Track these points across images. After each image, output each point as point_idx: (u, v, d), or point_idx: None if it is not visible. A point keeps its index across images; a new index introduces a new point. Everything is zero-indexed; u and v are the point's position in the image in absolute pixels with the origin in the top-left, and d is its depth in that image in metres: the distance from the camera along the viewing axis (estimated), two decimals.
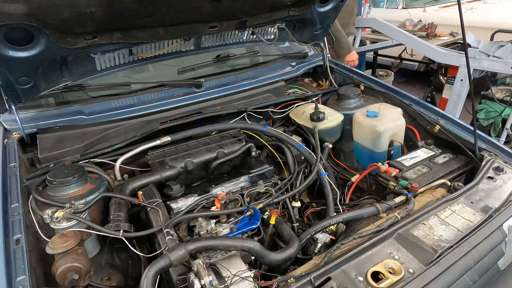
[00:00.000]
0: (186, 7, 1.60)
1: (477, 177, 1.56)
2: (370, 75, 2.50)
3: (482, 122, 3.75)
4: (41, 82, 1.70)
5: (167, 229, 1.26)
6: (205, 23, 1.83)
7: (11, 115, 1.70)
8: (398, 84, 6.40)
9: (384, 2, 7.71)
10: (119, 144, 1.71)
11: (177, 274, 1.18)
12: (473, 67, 3.36)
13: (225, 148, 1.78)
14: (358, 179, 1.79)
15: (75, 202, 1.35)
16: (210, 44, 2.26)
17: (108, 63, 1.94)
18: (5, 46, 1.41)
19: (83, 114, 1.87)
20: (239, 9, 1.82)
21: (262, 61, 2.62)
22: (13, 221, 1.25)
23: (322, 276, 1.12)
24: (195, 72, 2.33)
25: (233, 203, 1.55)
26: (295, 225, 1.64)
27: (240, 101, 2.19)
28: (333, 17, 2.36)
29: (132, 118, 1.91)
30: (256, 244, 1.21)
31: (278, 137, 1.88)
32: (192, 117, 1.91)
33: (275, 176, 1.74)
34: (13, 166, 1.50)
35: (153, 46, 2.01)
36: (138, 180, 1.56)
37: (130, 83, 2.13)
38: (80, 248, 1.22)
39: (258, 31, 2.31)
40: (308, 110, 2.11)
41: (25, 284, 1.07)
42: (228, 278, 1.10)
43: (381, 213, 1.44)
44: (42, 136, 1.71)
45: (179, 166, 1.65)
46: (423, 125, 1.99)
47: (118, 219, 1.34)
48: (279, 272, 1.34)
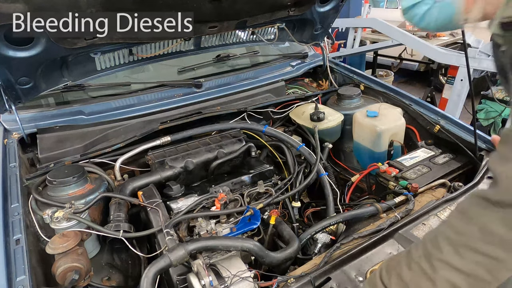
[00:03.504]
0: (186, 7, 1.60)
1: (477, 177, 1.55)
2: (370, 75, 2.50)
3: (482, 122, 3.75)
4: (41, 82, 1.70)
5: (167, 229, 1.26)
6: (205, 23, 1.83)
7: (11, 115, 1.70)
8: (398, 84, 6.41)
9: (384, 2, 7.72)
10: (119, 144, 1.71)
11: (177, 274, 1.18)
12: (473, 67, 3.36)
13: (225, 148, 1.78)
14: (358, 179, 1.79)
15: (75, 202, 1.35)
16: (210, 44, 2.26)
17: (108, 63, 1.94)
18: (5, 46, 1.41)
19: (83, 114, 1.87)
20: (239, 9, 1.82)
21: (262, 61, 2.62)
22: (13, 221, 1.25)
23: (322, 276, 1.12)
24: (195, 72, 2.33)
25: (233, 203, 1.55)
26: (295, 225, 1.64)
27: (240, 101, 2.19)
28: (333, 17, 2.36)
29: (132, 118, 1.91)
30: (256, 244, 1.21)
31: (278, 137, 1.88)
32: (192, 117, 1.91)
33: (275, 176, 1.74)
34: (13, 166, 1.50)
35: (153, 46, 2.02)
36: (138, 180, 1.56)
37: (130, 83, 2.13)
38: (80, 248, 1.22)
39: (258, 31, 2.31)
40: (308, 110, 2.11)
41: (25, 284, 1.07)
42: (228, 278, 1.10)
43: (381, 213, 1.44)
44: (42, 136, 1.71)
45: (179, 166, 1.65)
46: (423, 125, 1.99)
47: (118, 219, 1.34)
48: (279, 272, 1.34)
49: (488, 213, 0.70)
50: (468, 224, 0.73)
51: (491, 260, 0.69)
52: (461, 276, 0.71)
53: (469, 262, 0.70)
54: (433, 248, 0.76)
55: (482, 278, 0.70)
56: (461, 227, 0.74)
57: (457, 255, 0.71)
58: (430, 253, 0.76)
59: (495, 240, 0.69)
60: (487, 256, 0.69)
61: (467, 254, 0.71)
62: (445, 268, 0.73)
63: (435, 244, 0.76)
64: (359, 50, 5.10)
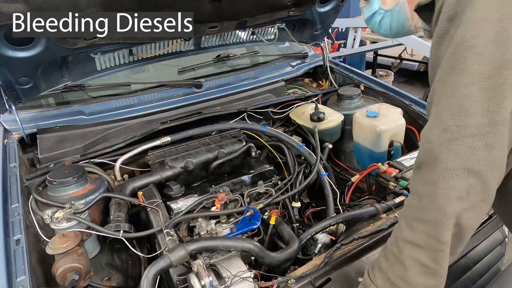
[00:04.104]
0: (186, 7, 1.60)
1: None
2: (370, 75, 2.50)
3: None
4: (41, 82, 1.70)
5: (167, 230, 1.26)
6: (205, 23, 1.83)
7: (11, 115, 1.70)
8: (398, 84, 6.40)
9: None
10: (119, 144, 1.71)
11: (177, 274, 1.18)
12: None
13: (225, 148, 1.78)
14: (358, 179, 1.79)
15: (75, 202, 1.34)
16: (210, 44, 2.26)
17: (108, 63, 1.94)
18: (5, 46, 1.41)
19: (83, 114, 1.87)
20: (239, 9, 1.82)
21: (262, 61, 2.61)
22: (13, 221, 1.25)
23: (322, 277, 1.12)
24: (195, 72, 2.33)
25: (233, 204, 1.55)
26: (295, 226, 1.64)
27: (240, 101, 2.19)
28: (333, 17, 2.36)
29: (132, 118, 1.91)
30: (256, 245, 1.21)
31: (278, 137, 1.88)
32: (192, 117, 1.90)
33: (275, 176, 1.73)
34: (13, 166, 1.49)
35: (153, 46, 2.01)
36: (138, 180, 1.56)
37: (130, 83, 2.12)
38: (80, 249, 1.22)
39: (258, 31, 2.31)
40: (308, 110, 2.11)
41: (25, 285, 1.07)
42: (228, 278, 1.10)
43: (381, 214, 1.44)
44: (42, 136, 1.71)
45: (179, 166, 1.65)
46: (423, 125, 1.98)
47: (118, 220, 1.34)
48: (279, 272, 1.34)
49: (415, 177, 0.80)
50: (410, 195, 0.81)
51: (431, 225, 0.74)
52: (419, 250, 0.76)
53: (419, 233, 0.76)
54: (396, 229, 0.83)
55: (435, 247, 0.75)
56: (407, 200, 0.82)
57: (411, 230, 0.77)
58: (396, 235, 0.82)
59: (425, 203, 0.74)
60: (426, 222, 0.75)
61: (415, 225, 0.77)
62: (407, 246, 0.78)
63: (397, 225, 0.83)
64: (359, 50, 5.10)
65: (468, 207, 0.72)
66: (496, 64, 0.68)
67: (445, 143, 0.72)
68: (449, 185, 0.71)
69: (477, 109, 0.69)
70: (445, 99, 0.73)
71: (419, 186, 0.78)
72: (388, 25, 1.04)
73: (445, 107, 0.73)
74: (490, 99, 0.69)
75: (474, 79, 0.69)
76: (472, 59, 0.69)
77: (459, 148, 0.70)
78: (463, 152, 0.70)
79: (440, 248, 0.75)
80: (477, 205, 0.73)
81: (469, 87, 0.70)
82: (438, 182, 0.72)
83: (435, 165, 0.73)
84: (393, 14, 1.01)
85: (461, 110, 0.70)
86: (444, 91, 0.74)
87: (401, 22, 1.01)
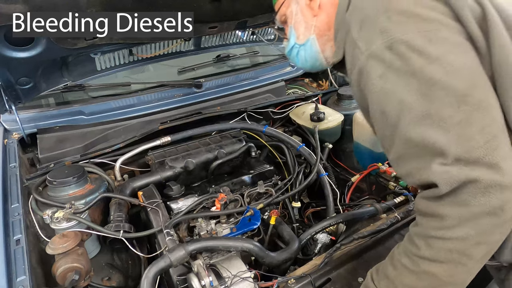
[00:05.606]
0: (186, 7, 1.60)
1: None
2: None
3: None
4: (41, 82, 1.70)
5: (167, 230, 1.26)
6: (205, 24, 1.83)
7: (11, 115, 1.70)
8: None
9: None
10: (119, 144, 1.71)
11: (177, 274, 1.18)
12: None
13: (225, 149, 1.78)
14: (358, 179, 1.79)
15: (75, 202, 1.35)
16: (210, 44, 2.26)
17: (108, 63, 1.94)
18: (5, 46, 1.41)
19: (83, 114, 1.87)
20: (239, 9, 1.82)
21: (262, 61, 2.62)
22: (13, 221, 1.25)
23: (322, 277, 1.12)
24: (195, 72, 2.33)
25: (233, 204, 1.55)
26: (295, 226, 1.64)
27: (240, 101, 2.19)
28: None
29: (132, 118, 1.91)
30: (256, 245, 1.21)
31: (278, 137, 1.88)
32: (192, 117, 1.90)
33: (275, 176, 1.73)
34: (13, 166, 1.49)
35: (153, 46, 2.01)
36: (138, 180, 1.56)
37: (130, 83, 2.13)
38: (80, 249, 1.22)
39: (258, 31, 2.31)
40: (308, 110, 2.11)
41: (25, 285, 1.07)
42: (228, 278, 1.10)
43: (381, 214, 1.44)
44: (42, 136, 1.71)
45: (179, 166, 1.65)
46: None
47: (118, 220, 1.34)
48: (279, 272, 1.34)
49: (424, 200, 0.78)
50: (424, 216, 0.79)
51: (456, 242, 0.73)
52: (438, 265, 0.76)
53: (439, 250, 0.75)
54: (408, 246, 0.82)
55: (458, 261, 0.74)
56: (419, 220, 0.81)
57: (429, 248, 0.77)
58: (408, 250, 0.81)
59: (446, 223, 0.73)
60: (450, 240, 0.73)
61: (436, 244, 0.76)
62: (424, 262, 0.78)
63: (409, 241, 0.82)
64: None
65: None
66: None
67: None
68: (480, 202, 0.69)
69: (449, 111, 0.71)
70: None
71: (441, 208, 0.74)
72: (304, 58, 1.13)
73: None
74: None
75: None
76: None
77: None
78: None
79: (463, 262, 0.74)
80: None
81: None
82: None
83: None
84: (306, 48, 1.09)
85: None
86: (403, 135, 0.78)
87: (314, 55, 1.10)
